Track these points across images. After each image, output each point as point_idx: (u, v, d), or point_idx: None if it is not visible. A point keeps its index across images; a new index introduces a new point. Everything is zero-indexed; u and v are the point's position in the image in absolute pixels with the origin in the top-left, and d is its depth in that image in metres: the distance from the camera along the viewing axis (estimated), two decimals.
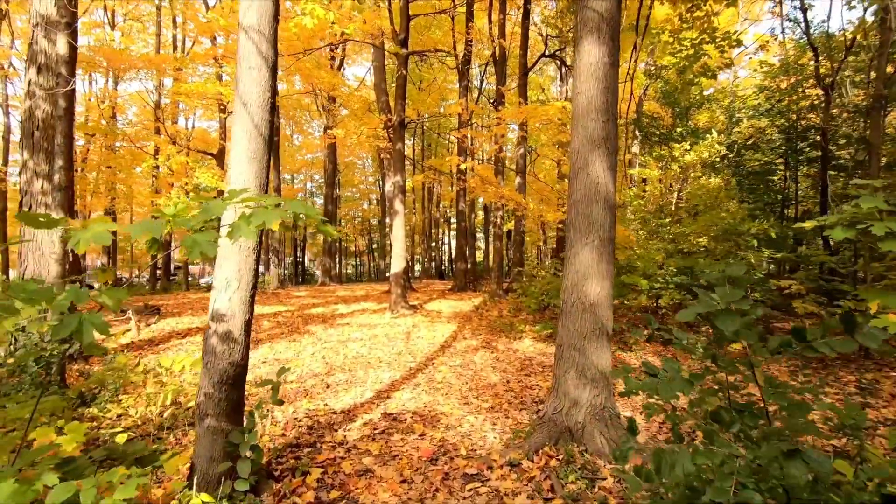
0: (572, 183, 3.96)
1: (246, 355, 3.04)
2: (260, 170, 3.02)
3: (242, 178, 2.97)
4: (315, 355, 7.15)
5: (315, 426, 4.32)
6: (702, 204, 8.22)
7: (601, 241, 3.80)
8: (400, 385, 5.65)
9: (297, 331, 8.97)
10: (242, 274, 2.97)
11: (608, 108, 3.86)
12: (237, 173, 2.98)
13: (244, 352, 3.01)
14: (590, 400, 3.69)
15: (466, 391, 5.38)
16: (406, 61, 10.74)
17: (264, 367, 6.40)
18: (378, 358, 6.99)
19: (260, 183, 3.02)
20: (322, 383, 5.69)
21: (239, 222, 1.97)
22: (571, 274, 3.87)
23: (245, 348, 3.02)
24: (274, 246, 17.21)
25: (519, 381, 5.80)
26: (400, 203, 10.53)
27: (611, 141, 3.87)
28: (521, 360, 6.83)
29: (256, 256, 3.05)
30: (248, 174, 2.98)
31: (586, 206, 3.83)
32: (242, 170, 2.98)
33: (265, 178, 3.08)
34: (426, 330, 8.97)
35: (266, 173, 3.08)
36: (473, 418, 4.52)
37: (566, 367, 3.82)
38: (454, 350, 7.42)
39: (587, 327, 3.75)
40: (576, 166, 3.93)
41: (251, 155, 2.99)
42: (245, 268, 2.98)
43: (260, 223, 1.97)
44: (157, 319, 9.40)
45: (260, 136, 3.00)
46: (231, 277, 2.95)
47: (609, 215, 3.84)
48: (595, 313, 3.76)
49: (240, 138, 3.00)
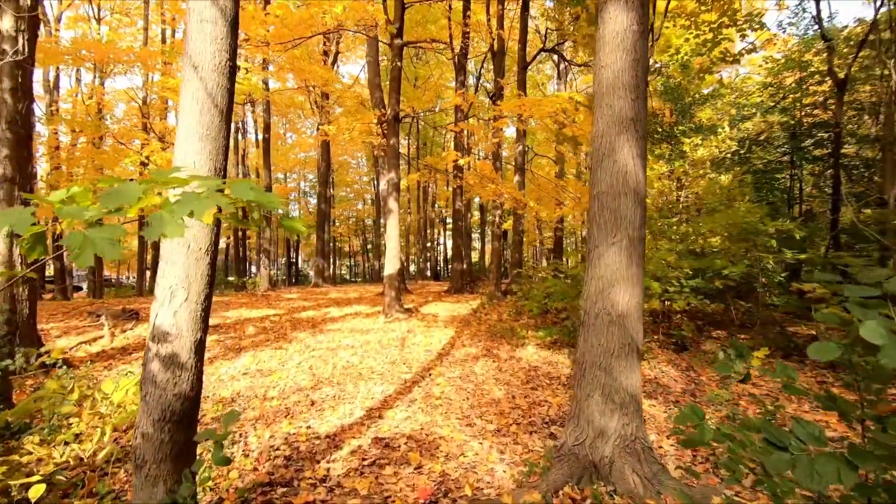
0: (595, 172, 3.34)
1: (197, 385, 2.38)
2: (215, 150, 2.36)
3: (191, 160, 2.31)
4: (301, 365, 6.48)
5: (294, 456, 3.66)
6: (716, 202, 7.65)
7: (630, 241, 3.18)
8: (394, 401, 5.00)
9: (284, 337, 8.29)
10: (192, 281, 2.31)
11: (637, 84, 3.24)
12: (184, 153, 2.32)
13: (195, 380, 2.36)
14: (618, 430, 3.06)
15: (468, 409, 4.75)
16: (401, 52, 10.09)
17: (244, 380, 5.73)
18: (370, 368, 6.34)
19: (215, 167, 2.37)
20: (306, 400, 5.03)
21: (161, 213, 1.37)
22: (595, 280, 3.24)
23: (196, 376, 2.36)
24: (265, 246, 16.48)
25: (525, 395, 5.18)
26: (394, 201, 9.87)
27: (640, 122, 3.26)
28: (526, 370, 6.20)
29: (211, 259, 2.39)
30: (200, 155, 2.32)
31: (613, 200, 3.20)
32: (192, 149, 2.32)
33: (223, 162, 2.43)
34: (422, 336, 8.33)
35: (223, 155, 2.43)
36: (477, 444, 3.89)
37: (589, 389, 3.19)
38: (453, 359, 6.78)
39: (615, 343, 3.13)
40: (600, 152, 3.30)
41: (203, 131, 2.33)
42: (195, 274, 2.32)
43: (186, 212, 1.36)
44: (133, 325, 8.67)
45: (215, 108, 2.35)
46: (177, 286, 2.29)
47: (639, 210, 3.22)
48: (624, 326, 3.13)
49: (189, 110, 2.34)
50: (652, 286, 6.92)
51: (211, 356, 6.96)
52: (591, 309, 3.25)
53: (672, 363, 6.45)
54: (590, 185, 3.42)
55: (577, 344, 7.27)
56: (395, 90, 9.85)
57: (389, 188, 9.90)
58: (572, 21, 12.34)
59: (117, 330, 8.30)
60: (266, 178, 16.43)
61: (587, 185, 18.89)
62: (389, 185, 9.88)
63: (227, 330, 8.86)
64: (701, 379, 5.91)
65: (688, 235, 8.75)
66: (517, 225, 13.21)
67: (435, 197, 29.28)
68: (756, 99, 12.98)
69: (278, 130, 26.71)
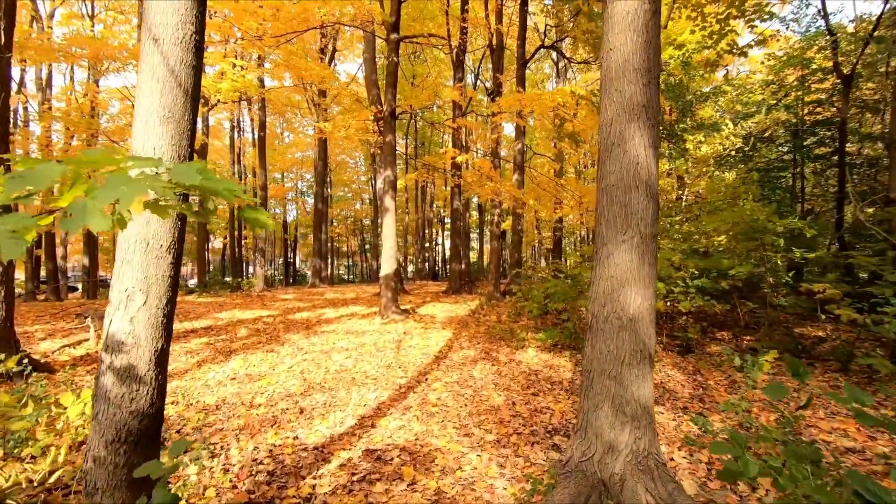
0: (603, 164, 3.06)
1: (159, 400, 2.10)
2: (178, 135, 2.08)
3: (151, 147, 2.02)
4: (293, 369, 6.19)
5: (278, 471, 3.37)
6: (720, 200, 7.38)
7: (642, 238, 2.90)
8: (387, 409, 4.72)
9: (277, 339, 8.00)
10: (151, 283, 2.03)
11: (650, 68, 2.97)
12: (143, 139, 2.03)
13: (155, 395, 2.07)
14: (630, 444, 2.79)
15: (466, 417, 4.46)
16: (397, 48, 9.81)
17: (231, 386, 5.43)
18: (364, 372, 6.05)
19: (179, 154, 2.08)
20: (295, 407, 4.74)
21: (84, 200, 1.10)
22: (604, 280, 2.97)
23: (157, 390, 2.08)
24: (260, 246, 16.18)
25: (526, 402, 4.90)
26: (390, 199, 9.59)
27: (652, 109, 2.98)
28: (526, 374, 5.92)
29: (174, 258, 2.10)
30: (161, 140, 2.04)
31: (623, 194, 2.93)
32: (152, 134, 2.04)
33: (188, 149, 2.14)
34: (419, 338, 8.04)
35: (189, 141, 2.14)
36: (476, 457, 3.61)
37: (598, 400, 2.91)
38: (450, 362, 6.50)
39: (625, 349, 2.86)
40: (608, 142, 3.03)
41: (165, 113, 2.04)
42: (155, 274, 2.03)
43: (111, 199, 1.09)
44: None
45: (178, 87, 2.06)
46: (134, 288, 2.01)
47: (652, 205, 2.94)
48: (635, 331, 2.86)
49: (148, 89, 2.05)
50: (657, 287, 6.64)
51: (199, 360, 6.67)
52: (599, 312, 2.97)
53: (678, 366, 6.18)
54: (597, 178, 3.15)
55: (579, 347, 7.01)
56: (391, 86, 9.57)
57: (385, 186, 9.61)
58: (572, 17, 12.08)
59: (103, 332, 8.00)
60: (262, 176, 16.13)
61: (590, 183, 18.47)
62: (385, 182, 9.60)
63: (219, 332, 8.57)
64: (709, 383, 5.64)
65: (691, 234, 8.48)
66: (516, 224, 12.94)
67: (433, 197, 29.01)
68: (758, 97, 12.73)
69: (275, 130, 26.42)
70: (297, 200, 30.11)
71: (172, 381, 5.64)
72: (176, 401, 4.84)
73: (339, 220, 32.07)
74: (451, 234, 15.40)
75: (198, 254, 15.28)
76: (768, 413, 4.64)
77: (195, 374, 6.01)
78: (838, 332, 7.59)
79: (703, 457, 3.56)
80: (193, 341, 7.73)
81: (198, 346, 7.39)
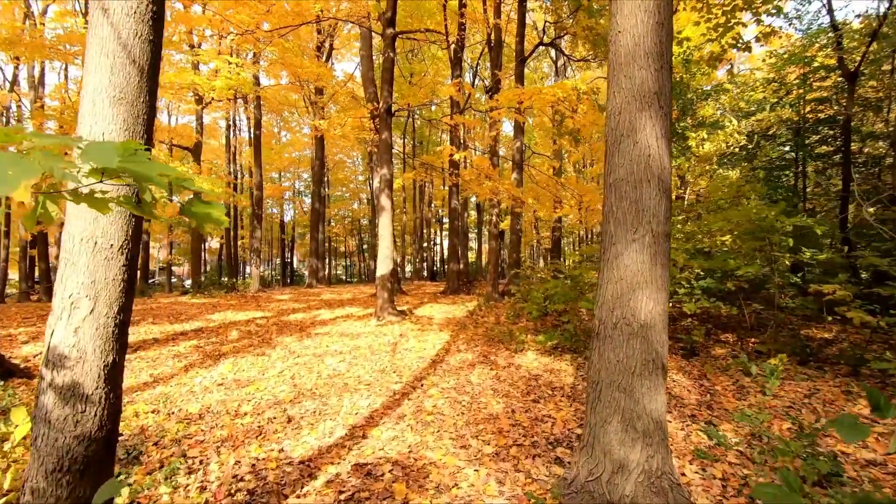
0: (611, 156, 2.80)
1: (110, 423, 1.82)
2: (132, 118, 1.81)
3: (100, 131, 1.75)
4: (283, 374, 5.92)
5: (259, 489, 3.10)
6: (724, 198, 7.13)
7: (654, 237, 2.64)
8: (380, 417, 4.45)
9: (269, 342, 7.73)
10: (100, 289, 1.76)
11: (662, 52, 2.71)
12: (90, 122, 1.76)
13: (106, 417, 1.80)
14: (641, 463, 2.53)
15: (463, 426, 4.20)
16: (393, 42, 9.55)
17: (218, 392, 5.16)
18: (357, 378, 5.79)
19: (133, 135, 1.81)
20: (283, 416, 4.47)
21: None
22: (612, 283, 2.71)
23: (108, 410, 1.81)
24: (255, 246, 15.88)
25: (526, 409, 4.64)
26: (387, 198, 9.32)
27: (665, 97, 2.72)
28: (526, 379, 5.66)
29: (128, 259, 1.84)
30: (111, 124, 1.77)
31: (633, 189, 2.67)
32: (101, 116, 1.77)
33: (144, 135, 1.87)
34: (415, 340, 7.78)
35: (146, 126, 1.87)
36: (473, 472, 3.34)
37: (606, 414, 2.65)
38: (447, 366, 6.23)
39: (636, 358, 2.60)
40: (616, 133, 2.77)
41: (116, 93, 1.78)
42: (105, 278, 1.77)
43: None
44: None
45: (132, 64, 1.79)
46: (79, 294, 1.74)
47: (664, 201, 2.68)
48: (647, 338, 2.60)
49: (96, 66, 1.78)
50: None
51: (187, 364, 6.39)
52: (607, 318, 2.71)
53: (683, 371, 5.93)
54: (604, 172, 2.89)
55: (580, 350, 6.75)
56: (387, 82, 9.30)
57: (382, 184, 9.35)
58: (571, 14, 11.83)
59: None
60: (257, 175, 15.85)
61: (591, 182, 18.06)
62: (382, 181, 9.33)
63: (210, 334, 8.29)
64: (716, 388, 5.39)
65: (693, 234, 8.24)
66: (514, 224, 12.68)
67: (431, 197, 28.75)
68: (759, 95, 12.50)
69: (272, 129, 26.12)
70: (294, 200, 29.81)
71: (157, 388, 5.37)
72: (157, 409, 4.57)
73: (336, 220, 31.77)
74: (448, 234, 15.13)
75: (192, 253, 15.00)
76: (780, 421, 4.39)
77: (181, 379, 5.74)
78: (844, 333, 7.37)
79: (716, 472, 3.30)
80: (182, 344, 7.45)
81: (186, 350, 7.12)
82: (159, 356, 6.77)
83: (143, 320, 9.18)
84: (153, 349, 7.16)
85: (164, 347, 7.27)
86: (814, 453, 3.04)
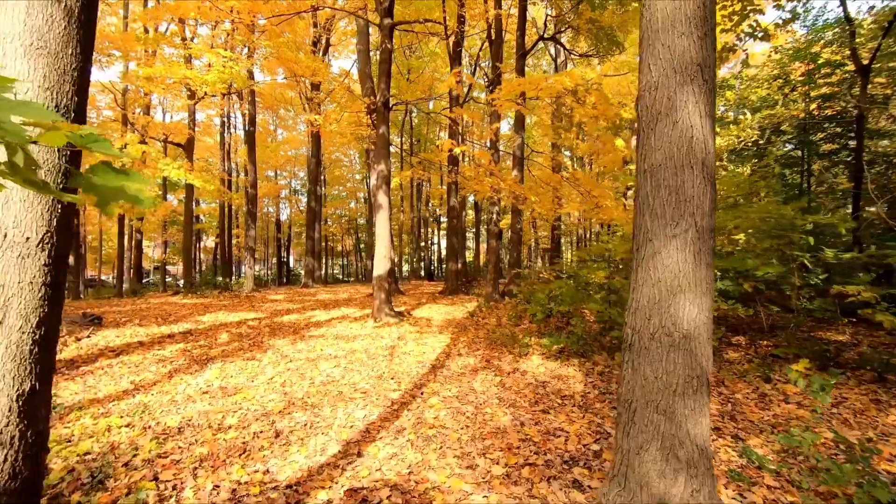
0: (646, 139, 2.40)
1: (27, 467, 1.40)
2: (56, 74, 1.39)
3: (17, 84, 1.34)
4: (273, 381, 5.50)
5: None
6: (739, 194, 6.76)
7: (698, 232, 2.24)
8: (377, 431, 4.04)
9: (260, 346, 7.31)
10: (11, 295, 1.34)
11: (706, 16, 2.31)
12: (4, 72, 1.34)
13: (21, 461, 1.38)
14: (685, 498, 2.13)
15: (468, 442, 3.80)
16: (391, 33, 9.13)
17: (201, 402, 4.73)
18: (353, 384, 5.37)
19: (59, 102, 1.39)
20: (271, 430, 4.05)
21: None
22: (648, 286, 2.31)
23: (24, 453, 1.38)
24: (250, 245, 15.41)
25: (536, 421, 4.24)
26: (384, 195, 8.90)
27: (709, 69, 2.32)
28: (533, 386, 5.27)
29: (52, 257, 1.41)
30: (27, 81, 1.35)
31: (673, 176, 2.27)
32: (13, 69, 1.35)
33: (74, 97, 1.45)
34: (414, 343, 7.38)
35: (79, 87, 1.45)
36: (482, 499, 2.94)
37: (642, 440, 2.25)
38: (448, 372, 5.83)
39: (678, 374, 2.20)
40: (652, 111, 2.37)
41: (33, 40, 1.36)
42: (17, 281, 1.35)
43: None
44: (90, 332, 7.63)
45: (56, 1, 1.37)
46: None
47: (709, 189, 2.29)
48: (691, 351, 2.20)
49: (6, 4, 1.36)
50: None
51: (172, 369, 5.96)
52: (642, 327, 2.31)
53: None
54: (636, 158, 2.49)
55: (587, 354, 6.35)
56: (384, 74, 8.89)
57: (379, 181, 8.93)
58: (574, 6, 11.44)
59: (71, 339, 7.27)
60: (251, 172, 15.37)
61: (603, 178, 17.52)
62: (379, 177, 8.91)
63: (198, 337, 7.85)
64: (736, 397, 5.01)
65: None
66: (515, 222, 12.29)
67: (429, 196, 28.34)
68: (763, 92, 12.16)
69: (269, 127, 25.62)
70: (290, 199, 29.28)
71: (136, 396, 4.94)
72: (132, 423, 4.13)
73: (333, 219, 31.28)
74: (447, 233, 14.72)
75: (184, 252, 14.50)
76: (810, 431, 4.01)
77: (164, 386, 5.30)
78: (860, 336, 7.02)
79: (756, 497, 2.91)
80: (168, 348, 7.02)
81: (172, 354, 6.68)
82: (143, 361, 6.34)
83: (130, 322, 8.73)
84: (137, 353, 6.72)
85: (149, 351, 6.83)
86: (872, 479, 2.65)
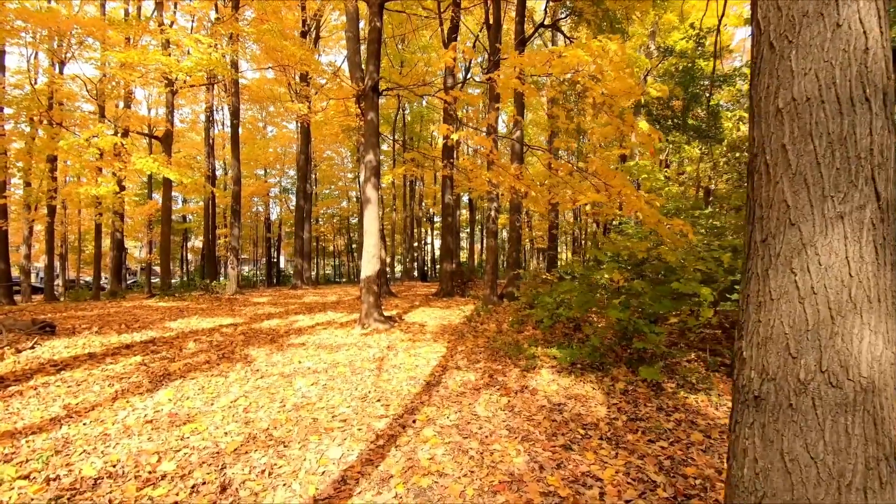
0: (778, 58, 1.45)
1: None
2: None
3: None
4: (236, 405, 4.49)
5: None
6: None
7: (881, 210, 1.31)
8: (357, 480, 3.07)
9: (230, 357, 6.29)
10: None
11: None
12: None
13: None
14: None
15: (474, 496, 2.84)
16: (381, 11, 8.17)
17: (139, 437, 3.72)
18: (331, 409, 4.39)
19: None
20: (217, 481, 3.05)
21: None
22: (790, 301, 1.36)
23: None
24: (233, 244, 14.30)
25: (557, 463, 3.28)
26: (373, 189, 7.92)
27: None
28: (547, 410, 4.32)
29: None
30: None
31: (836, 114, 1.32)
32: None
33: None
34: (405, 354, 6.41)
35: None
36: None
37: None
38: (446, 391, 4.87)
39: (854, 454, 1.25)
40: (793, 10, 1.43)
41: None
42: None
43: None
44: (35, 343, 6.56)
45: None
46: None
47: (893, 137, 1.35)
48: (874, 413, 1.26)
49: None
50: (701, 292, 5.12)
51: (119, 389, 4.94)
52: (781, 370, 1.36)
53: None
54: (753, 93, 1.54)
55: (605, 367, 5.41)
56: (373, 55, 7.92)
57: (367, 173, 7.94)
58: None
59: (10, 350, 6.19)
60: (234, 168, 14.30)
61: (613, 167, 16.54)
62: (367, 168, 7.93)
63: (162, 347, 6.82)
64: None
65: (724, 229, 7.02)
66: (514, 220, 11.37)
67: (422, 194, 27.37)
68: None
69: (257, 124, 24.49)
70: (280, 198, 28.09)
71: (61, 428, 3.91)
72: (33, 472, 3.11)
73: (325, 219, 30.16)
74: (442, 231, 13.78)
75: (161, 251, 13.36)
76: None
77: (102, 413, 4.28)
78: None
79: None
80: (122, 362, 5.97)
81: (125, 370, 5.65)
82: (88, 378, 5.30)
83: (88, 329, 7.65)
84: (83, 368, 5.68)
85: (98, 366, 5.79)
86: None
